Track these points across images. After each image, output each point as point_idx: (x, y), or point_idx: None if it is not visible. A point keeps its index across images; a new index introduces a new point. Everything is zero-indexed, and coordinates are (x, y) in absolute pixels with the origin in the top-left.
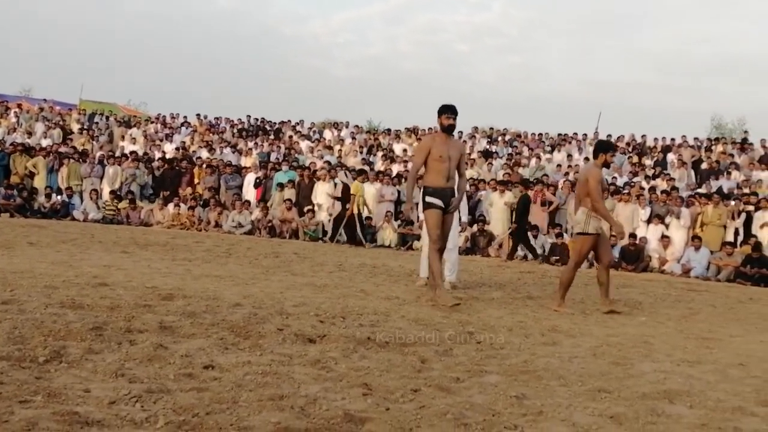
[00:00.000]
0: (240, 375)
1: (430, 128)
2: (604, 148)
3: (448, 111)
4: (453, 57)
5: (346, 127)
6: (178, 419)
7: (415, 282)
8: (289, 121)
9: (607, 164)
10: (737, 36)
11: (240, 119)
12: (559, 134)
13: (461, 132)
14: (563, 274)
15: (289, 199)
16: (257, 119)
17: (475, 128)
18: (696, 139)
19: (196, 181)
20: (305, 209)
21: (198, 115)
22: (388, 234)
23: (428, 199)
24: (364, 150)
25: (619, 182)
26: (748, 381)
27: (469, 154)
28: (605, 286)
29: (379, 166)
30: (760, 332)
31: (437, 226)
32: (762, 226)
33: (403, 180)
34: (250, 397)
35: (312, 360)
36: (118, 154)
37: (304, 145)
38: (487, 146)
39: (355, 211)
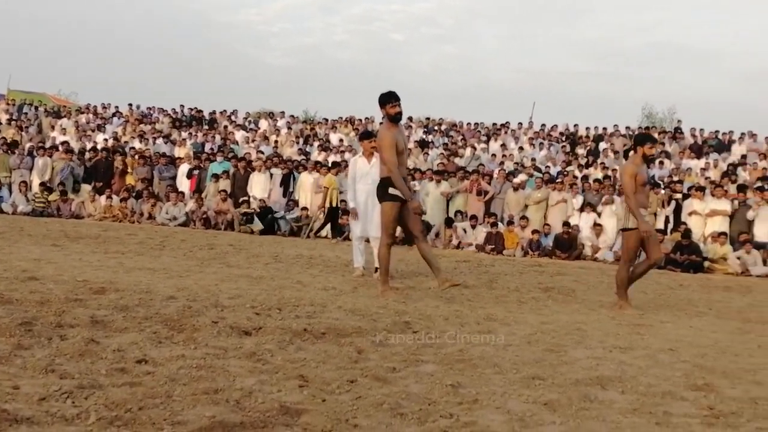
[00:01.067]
0: (174, 369)
1: (367, 118)
2: (641, 140)
3: (392, 99)
4: (389, 46)
5: (282, 117)
6: (110, 415)
7: (352, 273)
8: (225, 111)
9: (645, 157)
10: (668, 26)
11: (174, 109)
12: (494, 124)
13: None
14: (617, 273)
15: (224, 190)
16: (191, 109)
17: (410, 118)
18: (628, 128)
19: (128, 172)
20: (240, 200)
21: (130, 104)
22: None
23: (392, 191)
24: (301, 140)
25: (553, 171)
26: (678, 366)
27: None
28: (633, 280)
29: (316, 156)
30: (689, 318)
31: (396, 219)
32: (690, 214)
33: (340, 171)
34: (184, 391)
35: (247, 352)
36: (48, 145)
37: (239, 135)
38: (424, 136)
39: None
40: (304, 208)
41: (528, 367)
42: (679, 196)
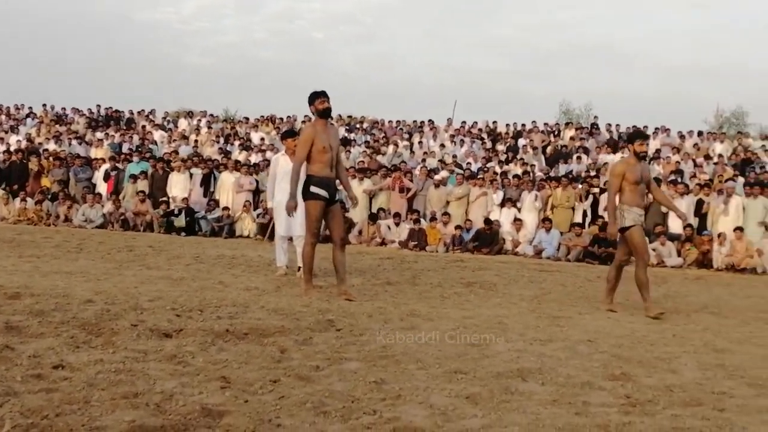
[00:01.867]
0: (92, 374)
1: (289, 116)
2: (631, 138)
3: (321, 95)
4: (309, 45)
5: (204, 116)
6: (26, 422)
7: (275, 272)
8: (143, 110)
9: (637, 154)
10: (581, 24)
11: (90, 109)
12: (415, 121)
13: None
14: (636, 277)
15: (143, 191)
16: (107, 109)
17: (331, 117)
18: (546, 124)
19: (43, 174)
20: (159, 201)
21: (44, 105)
22: (247, 224)
23: (313, 189)
24: (221, 139)
25: (473, 168)
26: (596, 356)
27: None
28: (644, 288)
29: (237, 155)
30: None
31: (319, 219)
32: (606, 208)
33: (261, 170)
34: (103, 396)
35: (168, 355)
36: None
37: (157, 135)
38: (346, 134)
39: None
40: (225, 208)
41: (450, 361)
42: (596, 190)
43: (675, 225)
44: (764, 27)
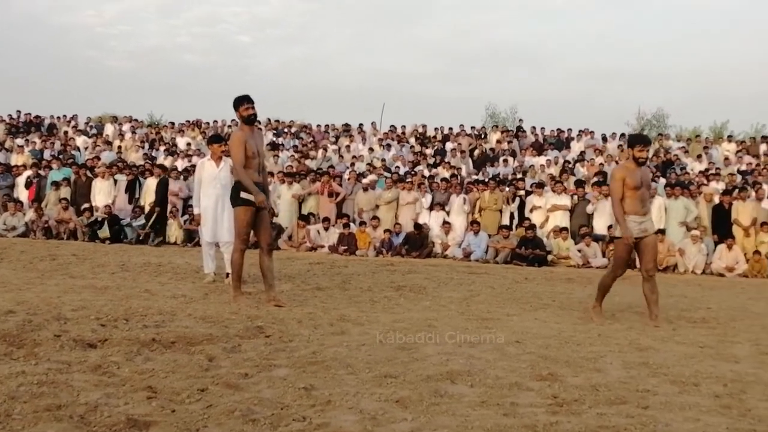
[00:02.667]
0: (13, 386)
1: (215, 121)
2: (631, 142)
3: (245, 101)
4: (235, 49)
5: (128, 121)
6: None
7: (203, 279)
8: (64, 116)
9: (636, 159)
10: (504, 28)
11: (10, 115)
12: (344, 125)
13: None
14: (601, 278)
15: (65, 198)
16: (27, 114)
17: (258, 121)
18: (473, 127)
19: None
20: (82, 208)
21: None
22: (173, 231)
23: (243, 195)
24: (146, 145)
25: (402, 171)
26: (524, 357)
27: None
28: (650, 298)
29: (162, 160)
30: (534, 310)
31: (249, 224)
32: (533, 210)
33: (191, 176)
34: (25, 409)
35: (93, 366)
36: None
37: (80, 140)
38: (274, 138)
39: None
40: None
41: (380, 365)
42: (522, 192)
43: (599, 226)
44: (682, 30)
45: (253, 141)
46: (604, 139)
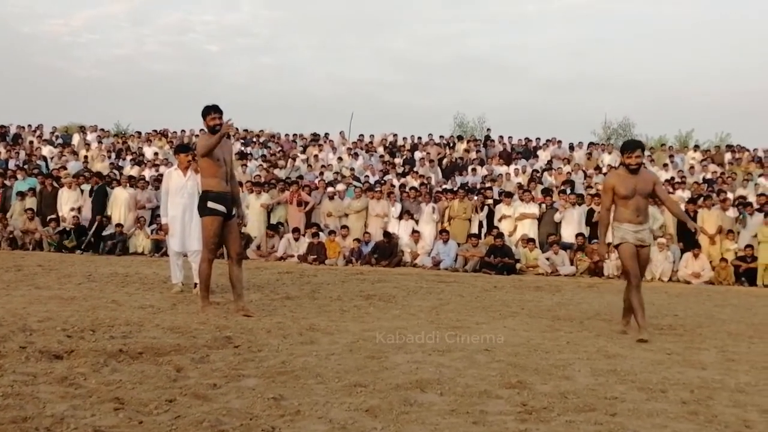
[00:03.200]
0: None
1: (183, 130)
2: (620, 149)
3: (212, 111)
4: (203, 58)
5: (94, 130)
6: None
7: (171, 289)
8: (30, 125)
9: (627, 166)
10: (471, 39)
11: None
12: (312, 134)
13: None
14: (625, 298)
15: (31, 209)
16: None
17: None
18: (441, 137)
19: None
20: (48, 218)
21: None
22: (140, 240)
23: (211, 204)
24: (113, 154)
25: (371, 181)
26: (493, 365)
27: None
28: (630, 307)
29: (129, 170)
30: (503, 318)
31: (217, 234)
32: (501, 218)
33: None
34: None
35: (59, 377)
36: None
37: (46, 150)
38: (242, 148)
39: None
40: (119, 225)
41: (350, 375)
42: (491, 201)
43: (567, 234)
44: (647, 39)
45: (220, 150)
46: (571, 148)
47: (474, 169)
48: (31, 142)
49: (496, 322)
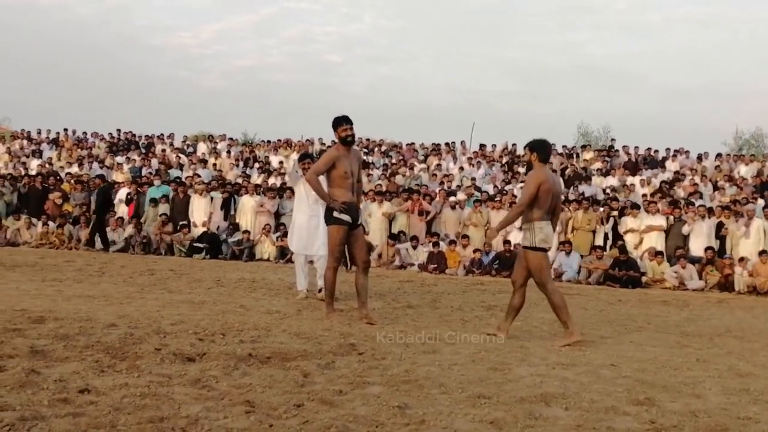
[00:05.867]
0: (117, 398)
1: (307, 140)
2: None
3: (344, 122)
4: (325, 68)
5: (223, 139)
6: None
7: (296, 296)
8: (162, 134)
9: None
10: (591, 47)
11: (110, 134)
12: (433, 143)
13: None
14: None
15: (164, 214)
16: (126, 133)
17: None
18: (564, 146)
19: (65, 198)
20: (180, 224)
21: (65, 129)
22: (266, 247)
23: (336, 214)
24: (241, 163)
25: (492, 190)
26: (619, 381)
27: None
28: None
29: (256, 178)
30: (629, 333)
31: (342, 243)
32: (626, 232)
33: (285, 193)
34: (129, 421)
35: (192, 379)
36: None
37: (177, 158)
38: (364, 157)
39: None
40: (246, 231)
41: (473, 385)
42: (616, 213)
43: (696, 247)
44: None
45: (348, 161)
46: (700, 158)
47: (590, 179)
48: (163, 151)
49: (622, 336)
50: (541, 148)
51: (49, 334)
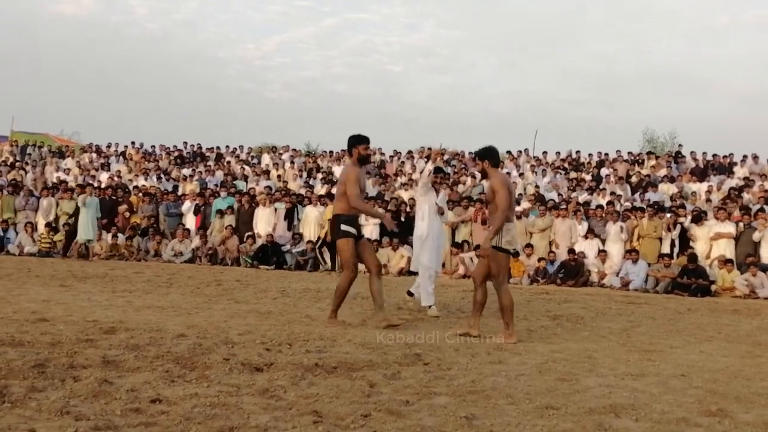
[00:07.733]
0: (188, 407)
1: (376, 151)
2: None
3: (366, 141)
4: (386, 78)
5: (286, 150)
6: None
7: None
8: (228, 146)
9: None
10: (657, 53)
11: (176, 146)
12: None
13: (399, 152)
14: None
15: (230, 225)
16: (193, 146)
17: (410, 151)
18: (630, 153)
19: (134, 210)
20: (245, 236)
21: (133, 143)
22: (327, 258)
23: (344, 227)
24: (304, 173)
25: (556, 198)
26: (690, 392)
27: (411, 173)
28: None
29: (319, 189)
30: (699, 342)
31: (354, 254)
32: (694, 239)
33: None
34: (200, 430)
35: (260, 389)
36: (51, 184)
37: (243, 169)
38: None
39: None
40: (309, 242)
41: (541, 396)
42: (683, 220)
43: (767, 255)
44: None
45: (363, 178)
46: None
47: (656, 186)
48: (229, 162)
49: (692, 346)
50: (490, 155)
51: (120, 345)
